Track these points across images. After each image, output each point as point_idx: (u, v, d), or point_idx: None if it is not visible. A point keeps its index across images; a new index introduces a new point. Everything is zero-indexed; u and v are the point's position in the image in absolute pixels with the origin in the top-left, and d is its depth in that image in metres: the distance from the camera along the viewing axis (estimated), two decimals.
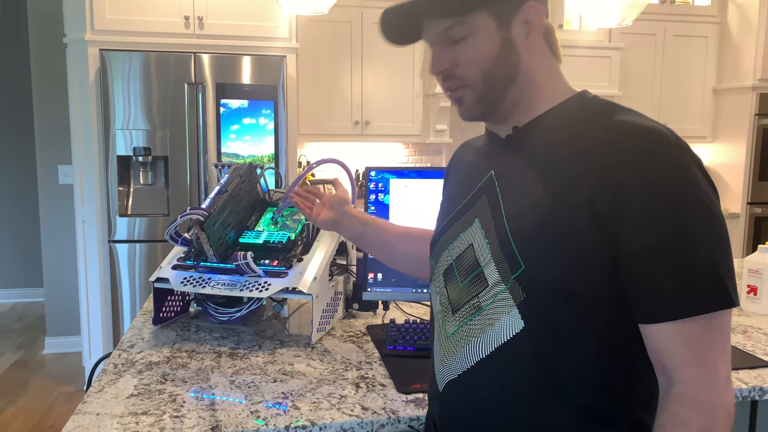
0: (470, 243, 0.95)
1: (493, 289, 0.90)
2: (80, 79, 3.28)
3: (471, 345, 0.92)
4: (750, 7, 4.21)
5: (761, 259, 1.85)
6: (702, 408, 0.78)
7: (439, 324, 1.00)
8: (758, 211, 4.35)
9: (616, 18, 2.65)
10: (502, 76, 0.92)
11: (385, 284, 1.64)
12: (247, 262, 1.52)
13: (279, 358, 1.44)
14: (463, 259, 0.96)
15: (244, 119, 3.36)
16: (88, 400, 1.20)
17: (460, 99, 0.95)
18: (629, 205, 0.79)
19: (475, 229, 0.95)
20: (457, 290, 0.96)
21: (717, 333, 0.79)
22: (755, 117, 4.23)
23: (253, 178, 1.78)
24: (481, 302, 0.91)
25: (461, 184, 1.04)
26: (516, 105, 0.95)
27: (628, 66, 4.28)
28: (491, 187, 0.95)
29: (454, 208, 1.02)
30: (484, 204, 0.95)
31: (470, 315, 0.93)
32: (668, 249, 0.78)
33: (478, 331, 0.91)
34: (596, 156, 0.83)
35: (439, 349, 0.99)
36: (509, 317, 0.88)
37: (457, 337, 0.94)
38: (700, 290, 0.78)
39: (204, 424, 1.10)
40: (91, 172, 3.32)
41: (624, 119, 0.84)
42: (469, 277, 0.94)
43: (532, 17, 0.92)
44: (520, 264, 0.86)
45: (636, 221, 0.79)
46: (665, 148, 0.80)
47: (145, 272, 3.38)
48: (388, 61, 4.02)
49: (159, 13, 3.26)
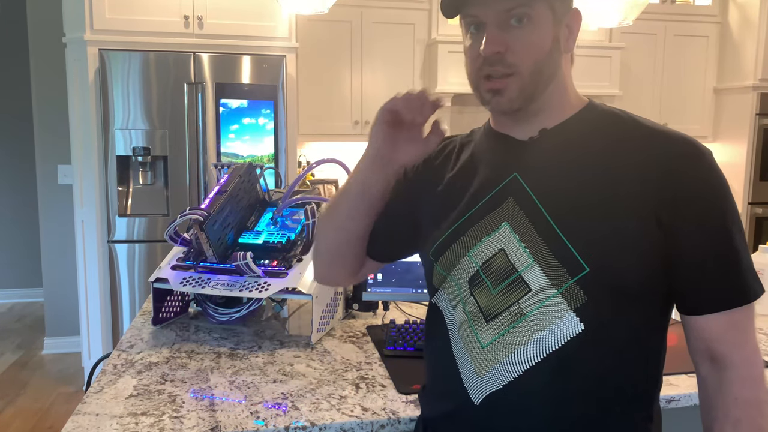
0: (500, 248, 0.92)
1: (538, 294, 0.88)
2: (80, 78, 3.28)
3: (517, 353, 0.89)
4: (751, 6, 4.21)
5: (762, 259, 1.84)
6: (758, 384, 0.89)
7: (467, 334, 0.94)
8: (759, 211, 4.35)
9: (617, 18, 2.65)
10: (547, 72, 0.93)
11: (385, 284, 1.64)
12: (246, 263, 1.51)
13: (279, 359, 1.43)
14: (493, 265, 0.93)
15: (243, 119, 3.36)
16: (88, 401, 1.19)
17: (501, 89, 0.92)
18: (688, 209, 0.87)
19: (504, 233, 0.92)
20: (488, 297, 0.92)
21: (753, 317, 0.91)
22: (756, 117, 4.23)
23: (252, 178, 1.77)
24: (523, 308, 0.89)
25: (464, 186, 1.00)
26: (546, 105, 0.96)
27: (629, 66, 4.28)
28: (519, 189, 0.93)
29: (462, 211, 0.98)
30: (512, 207, 0.93)
31: (512, 322, 0.90)
32: (721, 246, 0.88)
33: (525, 338, 0.89)
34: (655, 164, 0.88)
35: (470, 361, 0.93)
36: (563, 321, 0.87)
37: (497, 347, 0.90)
38: (747, 283, 0.88)
39: (203, 425, 1.10)
40: (90, 172, 3.31)
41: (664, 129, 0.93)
42: (503, 283, 0.91)
43: (574, 23, 0.95)
44: (583, 267, 0.86)
45: (694, 223, 0.87)
46: (707, 156, 0.89)
47: (145, 272, 3.37)
48: (388, 61, 4.02)
49: (158, 12, 3.26)
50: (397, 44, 4.01)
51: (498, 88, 0.92)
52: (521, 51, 0.90)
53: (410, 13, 3.99)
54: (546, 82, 0.93)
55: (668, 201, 0.87)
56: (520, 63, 0.91)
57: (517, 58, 0.90)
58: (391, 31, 3.99)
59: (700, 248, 0.87)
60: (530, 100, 0.93)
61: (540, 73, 0.92)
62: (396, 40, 4.01)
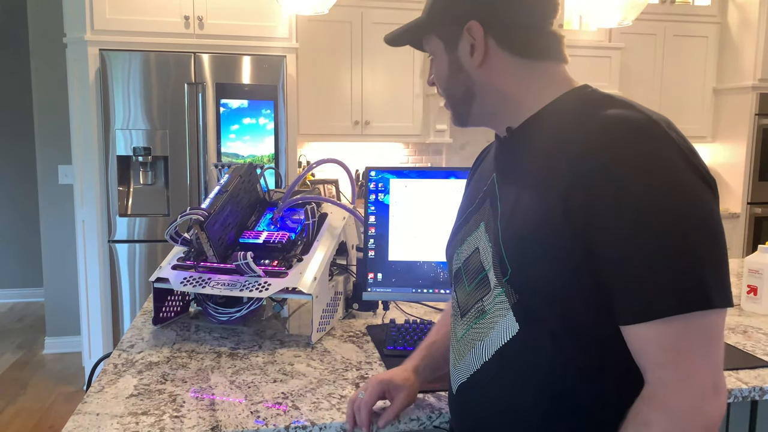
0: (476, 247, 0.96)
1: (493, 291, 0.91)
2: (80, 79, 3.28)
3: (476, 348, 0.94)
4: (750, 6, 4.21)
5: (761, 259, 1.84)
6: (670, 414, 0.75)
7: (452, 328, 1.03)
8: (758, 211, 4.35)
9: (616, 18, 2.65)
10: (458, 93, 0.99)
11: (385, 284, 1.64)
12: (247, 262, 1.52)
13: (279, 358, 1.44)
14: (469, 263, 0.98)
15: (244, 119, 3.36)
16: (88, 400, 1.20)
17: (447, 107, 1.03)
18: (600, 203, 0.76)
19: (480, 233, 0.96)
20: (465, 294, 0.98)
21: (697, 336, 0.74)
22: (755, 117, 4.23)
23: (253, 178, 1.78)
24: (485, 306, 0.93)
25: (473, 188, 1.06)
26: (493, 114, 0.97)
27: (628, 66, 4.28)
28: (493, 190, 0.97)
29: (465, 212, 1.04)
30: (487, 208, 0.96)
31: (475, 318, 0.95)
32: (639, 248, 0.74)
33: (482, 335, 0.93)
34: (571, 153, 0.80)
35: (452, 353, 1.02)
36: (506, 320, 0.89)
37: (465, 341, 0.97)
38: (671, 290, 0.73)
39: (204, 424, 1.10)
40: (91, 172, 3.32)
41: (609, 113, 0.81)
42: (475, 280, 0.96)
43: (476, 36, 0.93)
44: (507, 267, 0.87)
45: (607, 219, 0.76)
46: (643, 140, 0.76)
47: (145, 272, 3.38)
48: (388, 61, 4.02)
49: (159, 13, 3.26)
50: None
51: (446, 106, 1.03)
52: (435, 80, 1.02)
53: (410, 13, 3.99)
54: (465, 100, 0.98)
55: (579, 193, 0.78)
56: (440, 89, 1.02)
57: (438, 86, 1.02)
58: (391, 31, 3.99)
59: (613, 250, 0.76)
60: (466, 115, 1.00)
61: (452, 96, 1.00)
62: None
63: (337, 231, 1.70)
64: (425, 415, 1.16)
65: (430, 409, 1.18)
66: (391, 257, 1.63)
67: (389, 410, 1.11)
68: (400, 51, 4.01)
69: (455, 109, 1.01)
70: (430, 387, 1.24)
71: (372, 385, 1.11)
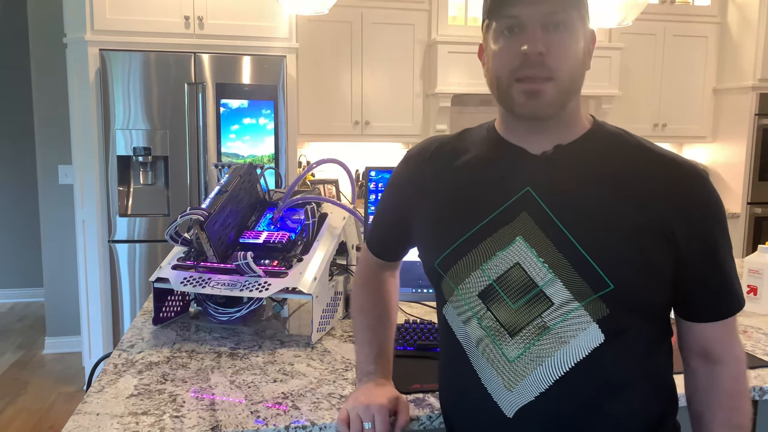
0: (515, 262, 0.93)
1: (561, 308, 0.91)
2: (80, 79, 3.28)
3: (545, 366, 0.92)
4: (750, 6, 4.21)
5: (761, 259, 1.84)
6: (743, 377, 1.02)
7: (490, 349, 0.95)
8: (758, 211, 4.35)
9: (616, 18, 2.65)
10: (578, 82, 0.96)
11: None
12: (247, 262, 1.52)
13: (279, 358, 1.44)
14: (508, 279, 0.94)
15: (244, 119, 3.36)
16: (88, 400, 1.20)
17: (540, 91, 0.92)
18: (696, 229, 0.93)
19: (519, 247, 0.93)
20: (509, 312, 0.93)
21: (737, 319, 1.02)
22: (755, 117, 4.23)
23: (253, 178, 1.78)
24: (546, 322, 0.92)
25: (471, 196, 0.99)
26: (563, 120, 0.97)
27: (628, 66, 4.28)
28: (533, 203, 0.94)
29: (471, 223, 0.97)
30: (526, 221, 0.93)
31: (537, 336, 0.92)
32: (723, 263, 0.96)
33: (551, 351, 0.92)
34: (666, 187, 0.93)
35: (497, 376, 0.95)
36: (587, 333, 0.91)
37: (524, 360, 0.93)
38: (740, 295, 0.99)
39: (204, 424, 1.10)
40: (91, 172, 3.32)
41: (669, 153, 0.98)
42: (524, 297, 0.93)
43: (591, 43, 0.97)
44: (608, 284, 0.89)
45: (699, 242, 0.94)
46: (709, 180, 0.97)
47: (145, 272, 3.38)
48: (388, 61, 4.02)
49: (159, 13, 3.26)
50: (397, 44, 4.01)
51: (536, 90, 0.91)
52: (560, 55, 0.91)
53: (410, 13, 3.99)
54: (575, 92, 0.96)
55: (679, 222, 0.92)
56: (558, 68, 0.91)
57: (556, 63, 0.91)
58: (391, 31, 4.00)
59: (705, 265, 0.95)
60: (562, 107, 0.94)
61: (574, 81, 0.94)
62: (396, 40, 4.01)
63: (337, 231, 1.70)
64: (425, 415, 1.16)
65: (430, 409, 1.18)
66: None
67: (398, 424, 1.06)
68: (400, 51, 4.01)
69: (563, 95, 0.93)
70: (430, 387, 1.24)
71: (378, 410, 1.02)
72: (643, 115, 4.34)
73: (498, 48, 0.94)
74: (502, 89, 0.95)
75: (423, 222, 1.05)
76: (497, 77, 0.95)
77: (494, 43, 0.95)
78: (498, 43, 0.94)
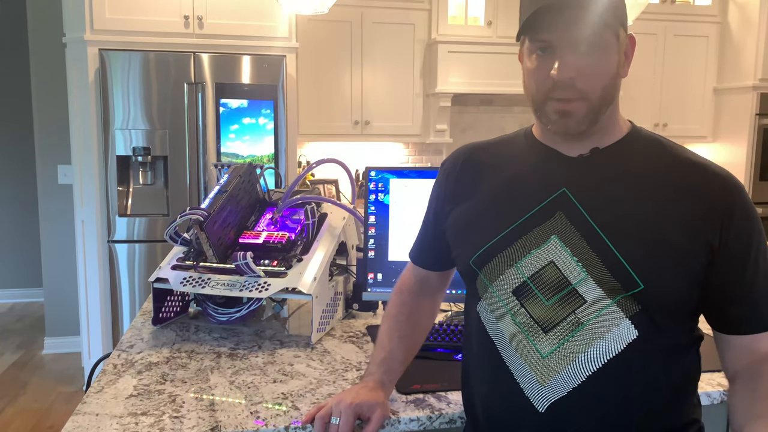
0: (549, 260, 0.96)
1: (594, 305, 0.93)
2: (80, 79, 3.28)
3: (578, 361, 0.94)
4: (750, 6, 4.21)
5: None
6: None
7: (523, 345, 0.97)
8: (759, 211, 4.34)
9: None
10: (610, 96, 0.97)
11: (385, 284, 1.64)
12: (246, 262, 1.51)
13: (279, 359, 1.43)
14: (543, 277, 0.96)
15: (243, 119, 3.36)
16: (88, 401, 1.19)
17: (569, 111, 0.95)
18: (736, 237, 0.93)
19: (554, 246, 0.96)
20: (543, 308, 0.96)
21: None
22: (756, 117, 4.22)
23: (252, 178, 1.78)
24: (580, 318, 0.94)
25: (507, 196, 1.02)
26: (601, 126, 0.98)
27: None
28: (568, 204, 0.97)
29: (507, 221, 1.00)
30: (561, 221, 0.96)
31: (571, 332, 0.94)
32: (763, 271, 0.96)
33: (585, 346, 0.93)
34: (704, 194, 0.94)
35: (530, 371, 0.97)
36: (620, 329, 0.92)
37: (558, 356, 0.95)
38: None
39: (204, 425, 1.10)
40: (90, 172, 3.31)
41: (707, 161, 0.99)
42: (558, 295, 0.95)
43: (630, 49, 0.98)
44: (638, 284, 0.91)
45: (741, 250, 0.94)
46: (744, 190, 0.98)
47: (145, 272, 3.37)
48: (388, 61, 4.02)
49: (159, 12, 3.26)
50: (397, 44, 4.01)
51: (567, 110, 0.95)
52: (591, 77, 0.93)
53: (410, 13, 3.99)
54: (608, 105, 0.97)
55: (719, 229, 0.93)
56: (589, 89, 0.93)
57: (586, 84, 0.93)
58: (391, 31, 3.99)
59: (748, 274, 0.95)
60: (594, 123, 0.97)
61: (605, 98, 0.96)
62: (396, 40, 4.01)
63: (337, 231, 1.69)
64: (425, 416, 1.16)
65: (431, 409, 1.17)
66: (391, 257, 1.63)
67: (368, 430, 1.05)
68: (400, 51, 4.01)
69: (594, 112, 0.95)
70: (430, 388, 1.24)
71: (345, 408, 1.04)
72: (644, 115, 4.33)
73: (532, 67, 0.97)
74: (536, 105, 0.99)
75: (458, 221, 1.09)
76: (532, 94, 0.99)
77: (528, 60, 0.99)
78: (531, 61, 0.97)
